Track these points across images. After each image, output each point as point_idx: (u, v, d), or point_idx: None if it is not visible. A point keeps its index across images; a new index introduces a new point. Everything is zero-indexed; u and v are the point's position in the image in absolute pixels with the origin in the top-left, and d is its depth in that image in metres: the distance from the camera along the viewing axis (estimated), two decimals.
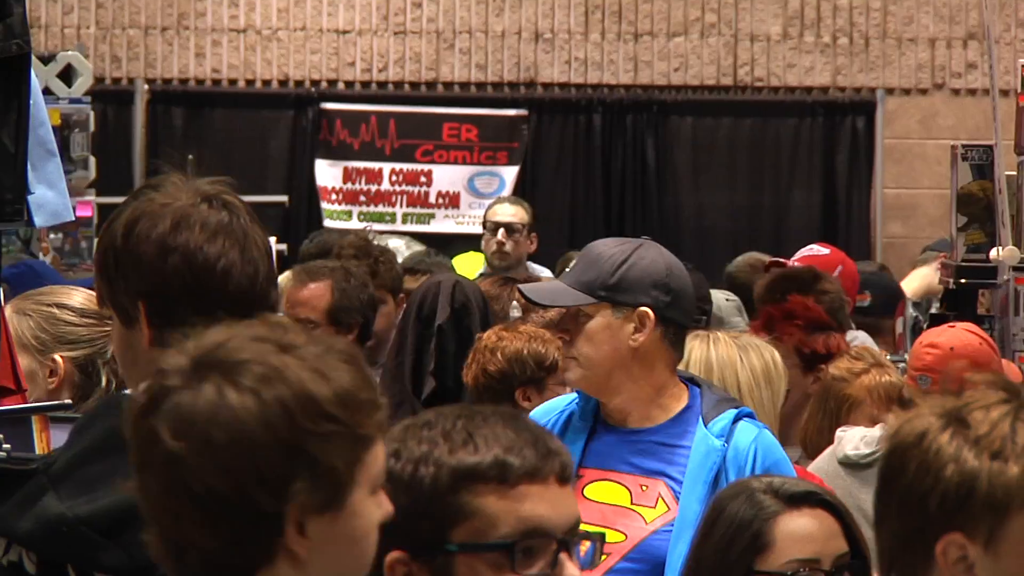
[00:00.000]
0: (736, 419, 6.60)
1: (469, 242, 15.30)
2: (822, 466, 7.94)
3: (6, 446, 5.04)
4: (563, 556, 3.73)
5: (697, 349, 7.37)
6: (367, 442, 3.42)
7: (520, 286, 6.77)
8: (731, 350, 7.40)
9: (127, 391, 4.57)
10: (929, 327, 10.05)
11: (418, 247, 14.51)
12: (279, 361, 3.43)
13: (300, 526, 3.39)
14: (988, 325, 9.45)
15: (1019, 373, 8.21)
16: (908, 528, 3.83)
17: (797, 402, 8.42)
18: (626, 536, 6.43)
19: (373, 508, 3.45)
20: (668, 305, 6.69)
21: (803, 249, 12.00)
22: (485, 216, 14.33)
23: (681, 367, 6.87)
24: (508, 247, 13.88)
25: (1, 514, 4.54)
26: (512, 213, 14.17)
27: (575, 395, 6.91)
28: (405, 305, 10.05)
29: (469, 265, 14.55)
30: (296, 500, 3.38)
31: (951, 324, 8.56)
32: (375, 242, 11.26)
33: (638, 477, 6.49)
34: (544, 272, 14.01)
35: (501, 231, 13.90)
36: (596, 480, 6.41)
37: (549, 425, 6.64)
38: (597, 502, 6.26)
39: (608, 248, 6.83)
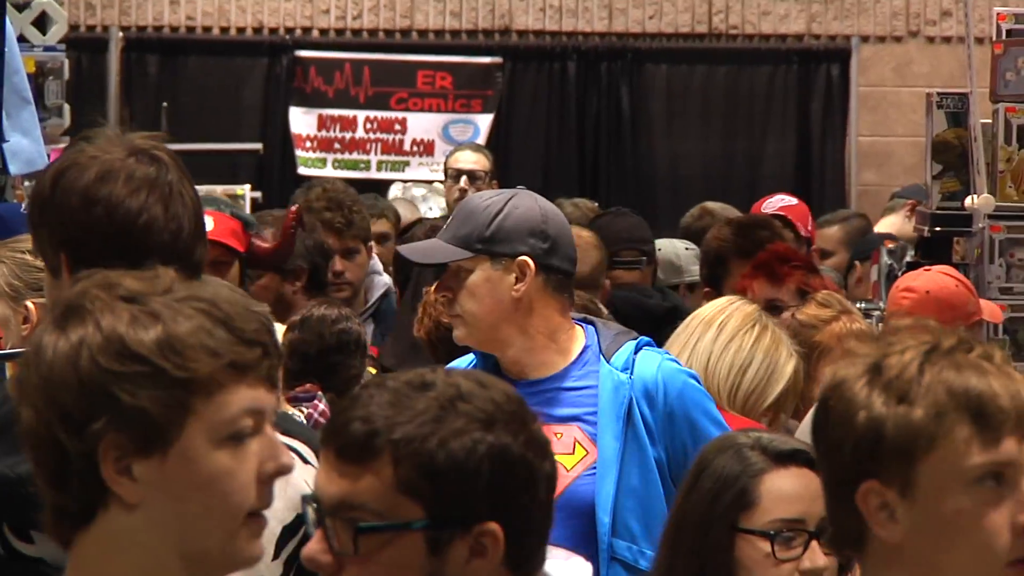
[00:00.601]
0: (636, 350, 6.56)
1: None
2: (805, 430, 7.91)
3: None
4: None
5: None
6: (198, 388, 3.37)
7: (398, 247, 6.69)
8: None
9: None
10: (903, 274, 10.06)
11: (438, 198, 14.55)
12: (107, 307, 3.41)
13: (125, 468, 3.36)
14: (963, 273, 9.45)
15: (998, 314, 8.21)
16: (834, 478, 3.83)
17: None
18: None
19: (220, 456, 3.39)
20: (547, 252, 6.62)
21: (772, 199, 11.97)
22: (447, 164, 14.28)
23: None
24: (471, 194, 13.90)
25: None
26: (474, 160, 14.15)
27: (472, 356, 6.86)
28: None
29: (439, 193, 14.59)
30: (101, 439, 3.35)
31: (927, 268, 8.56)
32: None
33: (550, 426, 6.22)
34: None
35: (463, 178, 13.90)
36: None
37: None
38: None
39: (482, 201, 6.78)
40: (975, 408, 3.65)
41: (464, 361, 6.86)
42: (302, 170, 16.84)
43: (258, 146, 16.92)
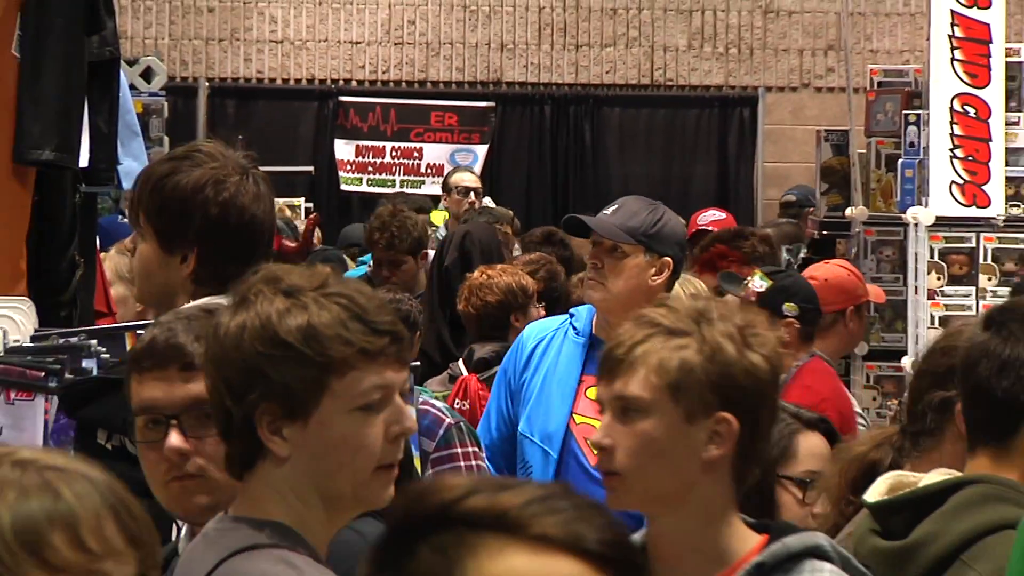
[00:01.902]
0: None
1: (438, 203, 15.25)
2: None
3: (104, 356, 4.99)
4: None
5: None
6: (333, 369, 3.29)
7: (584, 217, 6.52)
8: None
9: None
10: (800, 268, 10.04)
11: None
12: (267, 298, 3.34)
13: (276, 430, 3.31)
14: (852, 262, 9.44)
15: (882, 295, 8.17)
16: None
17: None
18: None
19: (351, 423, 3.31)
20: (679, 260, 6.52)
21: (706, 213, 11.92)
22: (452, 182, 14.14)
23: None
24: (475, 207, 13.84)
25: (106, 413, 4.49)
26: (474, 180, 14.12)
27: (566, 316, 6.63)
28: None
29: (439, 217, 14.45)
30: (257, 407, 3.31)
31: (826, 261, 8.52)
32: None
33: None
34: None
35: (471, 194, 13.85)
36: (595, 384, 6.12)
37: (546, 339, 6.48)
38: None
39: (646, 203, 6.64)
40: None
41: (558, 320, 6.67)
42: (343, 187, 16.79)
43: (310, 168, 16.85)
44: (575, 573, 2.09)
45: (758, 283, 7.88)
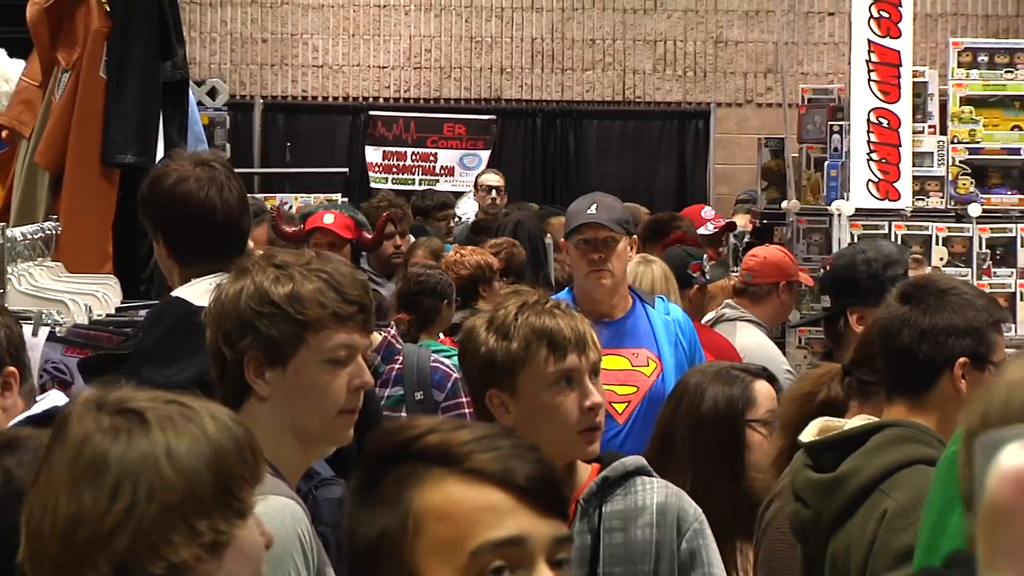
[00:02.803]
0: (664, 300, 6.38)
1: (458, 197, 15.21)
2: None
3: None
4: None
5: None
6: (310, 327, 3.33)
7: (596, 222, 6.42)
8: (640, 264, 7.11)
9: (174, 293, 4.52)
10: (745, 251, 10.02)
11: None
12: (262, 270, 3.39)
13: (260, 374, 3.35)
14: (788, 247, 9.42)
15: (811, 280, 8.15)
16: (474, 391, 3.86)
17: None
18: (637, 388, 6.10)
19: (321, 373, 3.35)
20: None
21: (705, 209, 11.85)
22: (479, 181, 14.13)
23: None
24: (498, 201, 13.80)
25: (112, 381, 4.43)
26: (498, 180, 14.08)
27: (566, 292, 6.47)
28: None
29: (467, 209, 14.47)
30: (247, 353, 3.35)
31: (766, 244, 8.50)
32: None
33: (630, 349, 6.08)
34: None
35: (494, 191, 13.81)
36: (609, 354, 5.81)
37: None
38: (610, 369, 5.68)
39: (611, 197, 6.43)
40: (548, 338, 3.66)
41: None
42: (372, 185, 16.72)
43: (345, 169, 16.79)
44: (503, 502, 2.08)
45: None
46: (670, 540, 3.66)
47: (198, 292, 4.41)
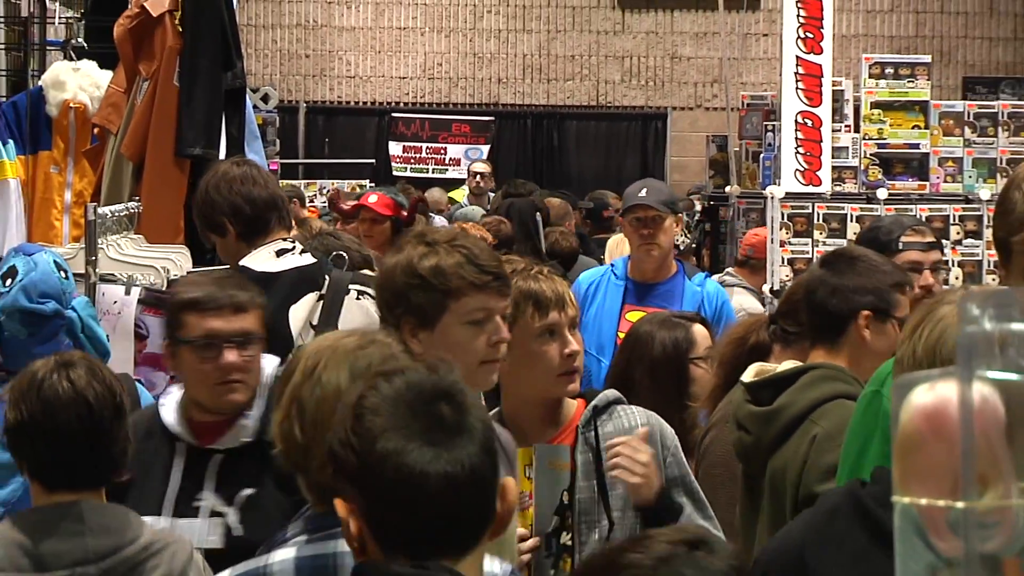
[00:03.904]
0: (705, 277, 6.28)
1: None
2: None
3: None
4: None
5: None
6: (451, 295, 3.25)
7: (643, 203, 6.31)
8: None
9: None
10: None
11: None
12: (414, 246, 3.33)
13: (414, 334, 3.27)
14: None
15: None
16: None
17: None
18: None
19: (463, 332, 3.27)
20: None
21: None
22: (470, 168, 14.29)
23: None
24: (482, 184, 13.81)
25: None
26: (483, 167, 14.11)
27: (607, 267, 6.36)
28: None
29: (460, 193, 14.44)
30: (402, 318, 3.28)
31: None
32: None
33: (657, 308, 5.73)
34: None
35: (479, 176, 13.82)
36: (633, 310, 5.86)
37: (595, 283, 6.22)
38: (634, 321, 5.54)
39: (658, 182, 6.35)
40: (533, 298, 3.61)
41: (602, 269, 6.38)
42: (395, 173, 16.71)
43: (372, 160, 16.81)
44: None
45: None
46: (657, 454, 3.64)
47: (257, 260, 4.44)
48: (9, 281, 3.97)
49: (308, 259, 4.57)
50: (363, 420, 2.06)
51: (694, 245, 8.45)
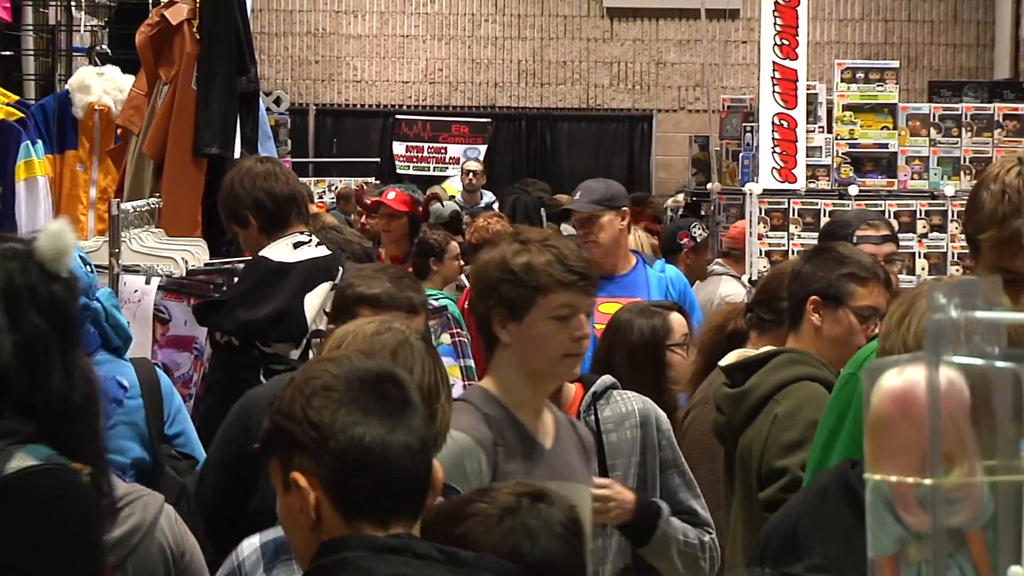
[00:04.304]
0: (664, 264, 6.16)
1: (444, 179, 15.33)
2: None
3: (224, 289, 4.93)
4: None
5: None
6: (539, 291, 3.25)
7: (567, 205, 6.14)
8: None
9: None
10: (681, 218, 10.00)
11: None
12: (507, 243, 3.34)
13: (503, 325, 3.29)
14: (707, 219, 9.37)
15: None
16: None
17: None
18: None
19: (548, 326, 3.26)
20: (630, 206, 6.13)
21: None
22: (463, 167, 14.32)
23: None
24: (474, 181, 13.81)
25: (216, 320, 4.42)
26: (475, 165, 14.13)
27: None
28: None
29: (451, 188, 14.44)
30: (495, 310, 3.29)
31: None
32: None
33: (625, 299, 5.61)
34: (488, 196, 13.95)
35: (471, 174, 13.84)
36: (604, 303, 5.63)
37: None
38: (608, 314, 5.30)
39: (596, 182, 6.18)
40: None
41: None
42: (398, 171, 16.71)
43: (377, 159, 16.80)
44: None
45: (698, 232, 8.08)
46: (652, 437, 3.65)
47: (276, 251, 4.46)
48: None
49: (323, 251, 4.58)
50: (319, 397, 2.09)
51: (708, 236, 8.45)
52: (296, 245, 4.56)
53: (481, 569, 2.08)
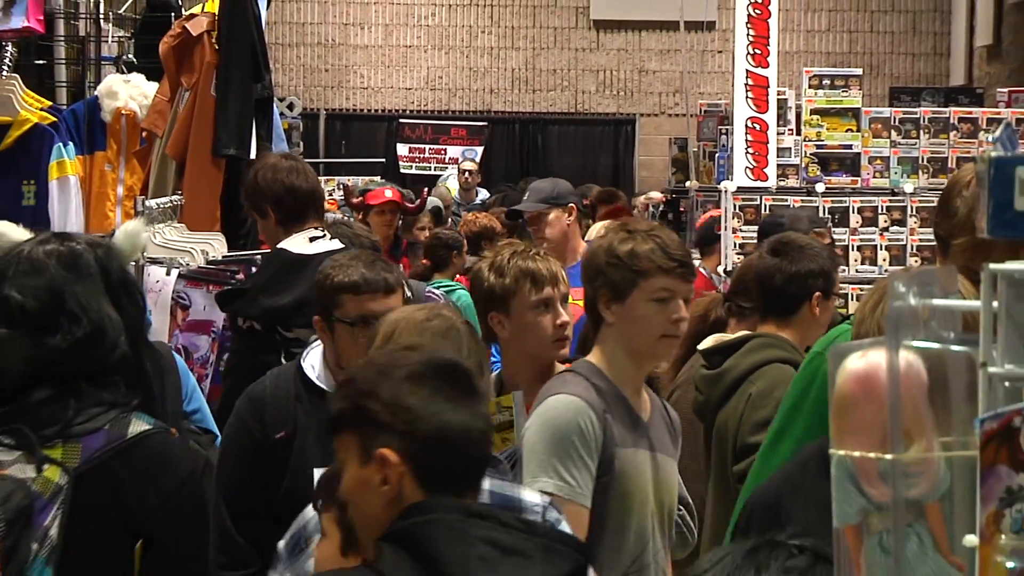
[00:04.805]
0: None
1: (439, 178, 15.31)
2: None
3: (238, 276, 4.90)
4: None
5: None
6: (641, 275, 3.26)
7: (517, 206, 6.06)
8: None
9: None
10: (662, 217, 9.98)
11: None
12: (616, 233, 3.37)
13: (608, 305, 3.31)
14: (685, 216, 9.35)
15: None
16: (480, 313, 3.76)
17: None
18: (572, 315, 5.72)
19: (648, 308, 3.27)
20: (579, 204, 5.99)
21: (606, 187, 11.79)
22: (460, 166, 14.34)
23: None
24: (470, 180, 13.79)
25: (240, 306, 4.42)
26: (471, 164, 14.13)
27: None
28: None
29: (452, 185, 14.41)
30: (600, 291, 3.33)
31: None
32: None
33: (575, 287, 5.63)
34: (483, 193, 13.92)
35: (467, 172, 13.82)
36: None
37: None
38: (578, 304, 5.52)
39: (544, 182, 6.07)
40: (531, 276, 3.60)
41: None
42: (402, 171, 16.67)
43: (382, 160, 16.77)
44: None
45: None
46: None
47: (294, 244, 4.45)
48: None
49: (337, 244, 4.58)
50: (408, 384, 2.18)
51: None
52: (312, 239, 4.56)
53: (553, 539, 2.13)
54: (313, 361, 3.63)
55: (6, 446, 2.58)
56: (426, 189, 8.88)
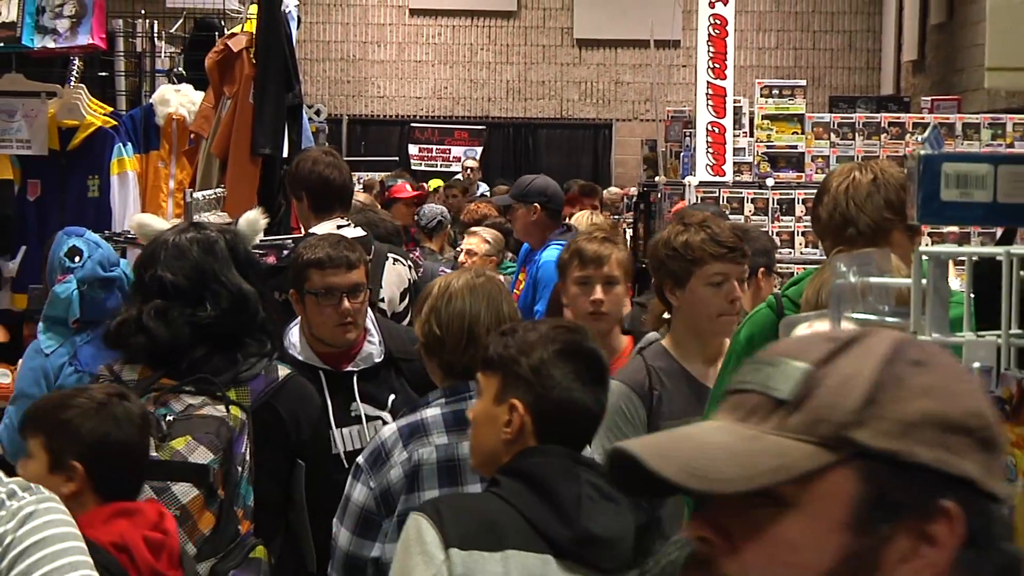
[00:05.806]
0: (552, 246, 5.74)
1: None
2: None
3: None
4: None
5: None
6: (696, 263, 3.19)
7: (497, 201, 6.05)
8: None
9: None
10: (635, 208, 9.94)
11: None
12: (673, 226, 3.26)
13: (672, 291, 3.23)
14: (655, 207, 9.32)
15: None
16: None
17: None
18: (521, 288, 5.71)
19: (706, 291, 3.20)
20: (545, 204, 5.69)
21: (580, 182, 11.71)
22: (463, 164, 14.28)
23: None
24: (471, 176, 13.76)
25: (279, 282, 4.38)
26: (472, 163, 14.10)
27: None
28: None
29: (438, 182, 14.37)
30: (664, 280, 3.23)
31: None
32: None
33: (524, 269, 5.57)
34: (483, 187, 13.88)
35: (468, 170, 13.78)
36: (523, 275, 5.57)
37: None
38: (521, 279, 5.37)
39: (526, 178, 5.95)
40: (578, 255, 3.51)
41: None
42: (413, 168, 16.61)
43: (396, 158, 16.74)
44: None
45: None
46: None
47: (323, 229, 4.45)
48: (77, 258, 3.90)
49: (359, 232, 4.56)
50: (553, 360, 2.22)
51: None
52: (339, 227, 4.54)
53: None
54: (293, 338, 3.61)
55: (190, 392, 2.75)
56: (424, 184, 8.89)
